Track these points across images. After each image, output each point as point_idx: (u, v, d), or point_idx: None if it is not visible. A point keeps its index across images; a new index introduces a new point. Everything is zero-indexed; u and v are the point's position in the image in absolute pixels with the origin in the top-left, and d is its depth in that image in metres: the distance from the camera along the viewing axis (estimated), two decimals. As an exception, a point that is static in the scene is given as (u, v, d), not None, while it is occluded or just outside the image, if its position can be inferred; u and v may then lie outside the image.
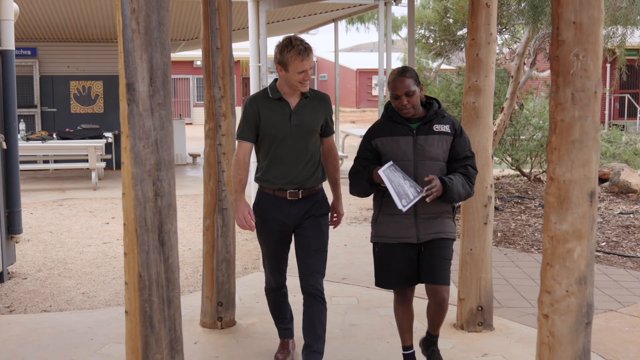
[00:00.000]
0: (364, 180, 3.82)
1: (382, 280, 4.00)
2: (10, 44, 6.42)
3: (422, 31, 12.85)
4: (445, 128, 3.84)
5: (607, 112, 25.98)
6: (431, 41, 12.15)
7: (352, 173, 3.93)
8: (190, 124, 30.86)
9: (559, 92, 2.82)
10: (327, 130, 4.15)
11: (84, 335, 4.78)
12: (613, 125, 21.69)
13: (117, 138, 14.46)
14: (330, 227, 4.19)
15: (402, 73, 3.80)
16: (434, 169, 3.81)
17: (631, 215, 8.99)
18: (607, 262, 6.86)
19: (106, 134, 13.53)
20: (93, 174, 11.91)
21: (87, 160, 12.33)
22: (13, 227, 6.49)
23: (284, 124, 3.93)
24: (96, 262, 6.96)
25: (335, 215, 4.25)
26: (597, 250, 7.20)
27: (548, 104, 11.89)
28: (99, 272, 6.60)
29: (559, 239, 2.84)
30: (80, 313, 5.32)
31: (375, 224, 3.96)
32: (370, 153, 3.90)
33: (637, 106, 25.39)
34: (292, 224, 4.04)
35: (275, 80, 4.01)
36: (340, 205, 4.26)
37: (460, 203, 4.34)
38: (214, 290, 4.86)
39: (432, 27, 12.10)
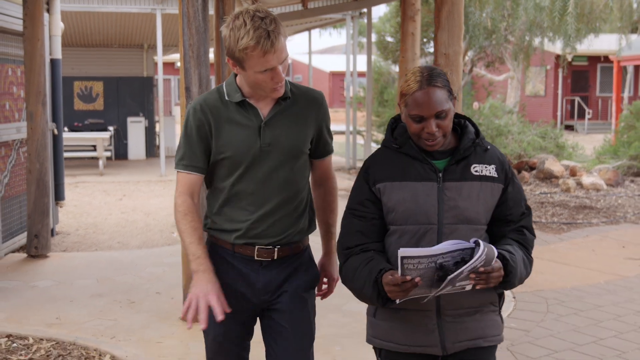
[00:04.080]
0: (368, 285, 2.25)
1: None
2: (58, 54, 8.33)
3: (387, 39, 14.97)
4: (490, 170, 2.33)
5: (559, 113, 28.37)
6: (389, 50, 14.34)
7: (345, 250, 2.36)
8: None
9: (437, 94, 4.84)
10: (320, 147, 2.64)
11: (129, 263, 6.72)
12: (565, 126, 23.98)
13: (116, 132, 16.35)
14: (317, 298, 2.73)
15: (431, 80, 2.23)
16: (471, 237, 2.19)
17: (548, 195, 11.14)
18: (516, 225, 8.98)
19: (109, 127, 15.46)
20: (100, 162, 13.82)
21: (93, 150, 14.23)
22: (59, 194, 8.41)
23: (250, 143, 2.47)
24: (120, 224, 8.91)
25: (325, 279, 2.77)
26: (510, 217, 9.34)
27: (492, 105, 14.20)
28: (125, 230, 8.55)
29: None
30: (121, 252, 7.28)
31: (374, 320, 2.44)
32: (373, 205, 2.34)
33: (585, 108, 27.78)
34: (260, 300, 2.57)
35: (236, 74, 2.53)
36: (334, 265, 2.74)
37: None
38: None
39: (389, 40, 14.26)
